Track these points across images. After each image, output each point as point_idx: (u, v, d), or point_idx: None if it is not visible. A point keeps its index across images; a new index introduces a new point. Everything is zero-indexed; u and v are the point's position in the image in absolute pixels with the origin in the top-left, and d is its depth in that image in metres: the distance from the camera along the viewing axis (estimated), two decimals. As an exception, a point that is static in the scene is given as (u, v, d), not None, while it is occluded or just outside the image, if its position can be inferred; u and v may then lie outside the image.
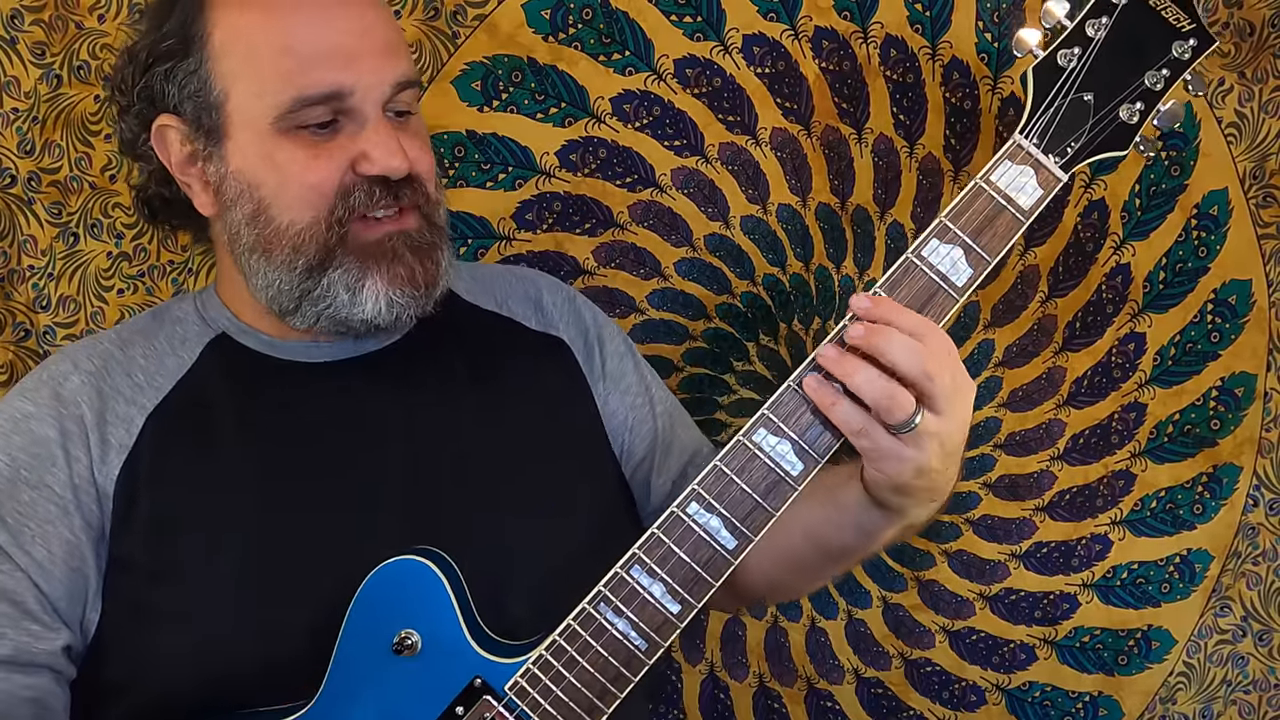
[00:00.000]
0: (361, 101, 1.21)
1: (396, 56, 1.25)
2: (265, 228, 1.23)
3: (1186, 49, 1.19)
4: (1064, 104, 1.17)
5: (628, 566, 1.13)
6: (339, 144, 1.22)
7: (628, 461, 1.44)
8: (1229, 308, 1.80)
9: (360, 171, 1.21)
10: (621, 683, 1.13)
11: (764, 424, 1.13)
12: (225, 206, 1.26)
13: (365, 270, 1.23)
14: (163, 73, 1.24)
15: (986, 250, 1.15)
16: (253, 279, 1.26)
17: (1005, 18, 1.72)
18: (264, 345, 1.31)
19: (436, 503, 1.26)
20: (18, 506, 1.19)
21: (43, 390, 1.25)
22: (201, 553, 1.20)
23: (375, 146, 1.21)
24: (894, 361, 1.07)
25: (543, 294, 1.47)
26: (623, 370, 1.46)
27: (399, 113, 1.26)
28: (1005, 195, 1.16)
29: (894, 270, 1.15)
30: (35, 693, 1.16)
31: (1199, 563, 1.86)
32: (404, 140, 1.24)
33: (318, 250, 1.22)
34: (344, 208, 1.21)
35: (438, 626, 1.14)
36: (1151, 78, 1.18)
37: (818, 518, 1.26)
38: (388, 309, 1.24)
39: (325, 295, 1.24)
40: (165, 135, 1.26)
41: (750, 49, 1.76)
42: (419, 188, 1.26)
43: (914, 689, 1.94)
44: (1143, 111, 1.18)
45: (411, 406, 1.31)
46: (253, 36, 1.21)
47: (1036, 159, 1.17)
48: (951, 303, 1.14)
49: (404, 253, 1.24)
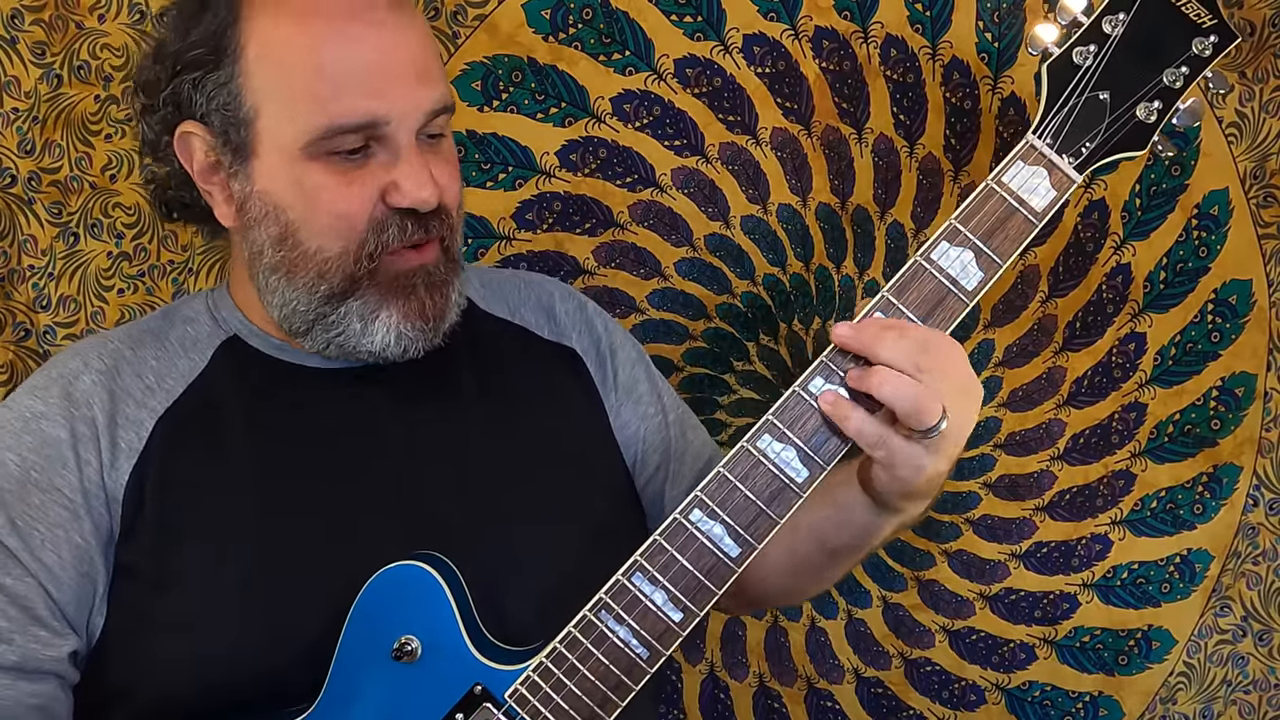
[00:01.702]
0: (396, 130, 1.18)
1: (432, 81, 1.21)
2: (292, 251, 1.21)
3: (1207, 46, 1.16)
4: (1079, 103, 1.15)
5: (629, 574, 1.12)
6: (371, 172, 1.19)
7: (641, 472, 1.44)
8: (1229, 308, 1.80)
9: (390, 203, 1.19)
10: (623, 691, 1.12)
11: (769, 430, 1.12)
12: (248, 224, 1.23)
13: (383, 302, 1.22)
14: (191, 81, 1.21)
15: (998, 253, 1.14)
16: (268, 295, 1.25)
17: (1005, 17, 1.71)
18: (275, 349, 1.30)
19: (443, 511, 1.26)
20: (28, 509, 1.18)
21: (53, 389, 1.24)
22: (205, 561, 1.19)
23: (407, 179, 1.18)
24: (902, 367, 1.07)
25: (555, 302, 1.46)
26: (635, 380, 1.45)
27: (431, 135, 1.23)
28: (1017, 197, 1.14)
29: (903, 273, 1.13)
30: (41, 700, 1.16)
31: (1199, 563, 1.86)
32: (435, 166, 1.21)
33: (343, 280, 1.21)
34: (376, 242, 1.20)
35: (438, 633, 1.14)
36: (1170, 75, 1.16)
37: (818, 518, 1.25)
38: (396, 342, 1.22)
39: (339, 323, 1.22)
40: (189, 142, 1.24)
41: (750, 49, 1.75)
42: (446, 218, 1.24)
43: (914, 689, 1.94)
44: (1161, 110, 1.16)
45: (422, 414, 1.30)
46: (287, 55, 1.18)
47: (1050, 160, 1.15)
48: (962, 306, 1.13)
49: (420, 288, 1.23)
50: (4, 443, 1.21)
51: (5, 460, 1.20)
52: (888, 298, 1.13)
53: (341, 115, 1.16)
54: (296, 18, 1.18)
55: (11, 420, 1.22)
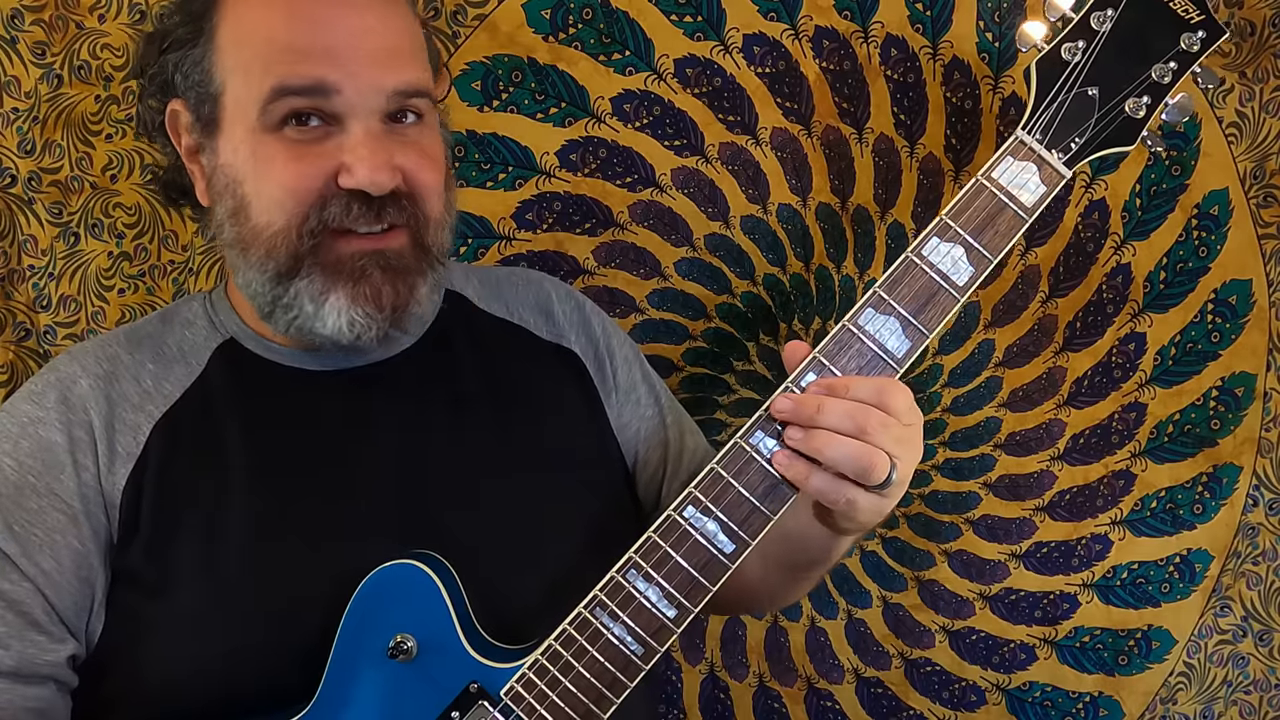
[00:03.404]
0: (349, 106, 1.17)
1: (400, 65, 1.21)
2: (244, 225, 1.21)
3: (1195, 41, 1.17)
4: (1068, 99, 1.16)
5: (624, 571, 1.12)
6: (324, 150, 1.18)
7: (641, 472, 1.44)
8: (1229, 307, 1.79)
9: (340, 183, 1.17)
10: (618, 688, 1.12)
11: (761, 426, 1.12)
12: (214, 200, 1.24)
13: (330, 285, 1.19)
14: (174, 60, 1.23)
15: (988, 249, 1.15)
16: (237, 278, 1.25)
17: (1006, 17, 1.71)
18: (271, 352, 1.30)
19: (442, 516, 1.25)
20: (25, 514, 1.18)
21: (50, 394, 1.24)
22: (202, 564, 1.18)
23: (359, 160, 1.17)
24: (846, 430, 1.08)
25: (553, 303, 1.45)
26: (633, 381, 1.45)
27: (401, 120, 1.22)
28: (1007, 193, 1.15)
29: (894, 270, 1.15)
30: (39, 704, 1.16)
31: (1199, 563, 1.85)
32: (401, 153, 1.20)
33: (287, 257, 1.19)
34: (318, 218, 1.18)
35: (433, 631, 1.14)
36: (1159, 71, 1.17)
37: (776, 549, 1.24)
38: (349, 327, 1.20)
39: (293, 305, 1.21)
40: (177, 122, 1.25)
41: (750, 49, 1.75)
42: (411, 206, 1.22)
43: (914, 689, 1.94)
44: (1150, 105, 1.17)
45: (419, 418, 1.30)
46: (255, 29, 1.19)
47: (1039, 155, 1.16)
48: (953, 302, 1.14)
49: (373, 272, 1.20)
50: (1, 448, 1.21)
51: (2, 465, 1.20)
52: (880, 294, 1.14)
53: (290, 77, 1.16)
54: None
55: (8, 425, 1.22)
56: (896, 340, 1.14)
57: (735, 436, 1.12)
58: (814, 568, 1.35)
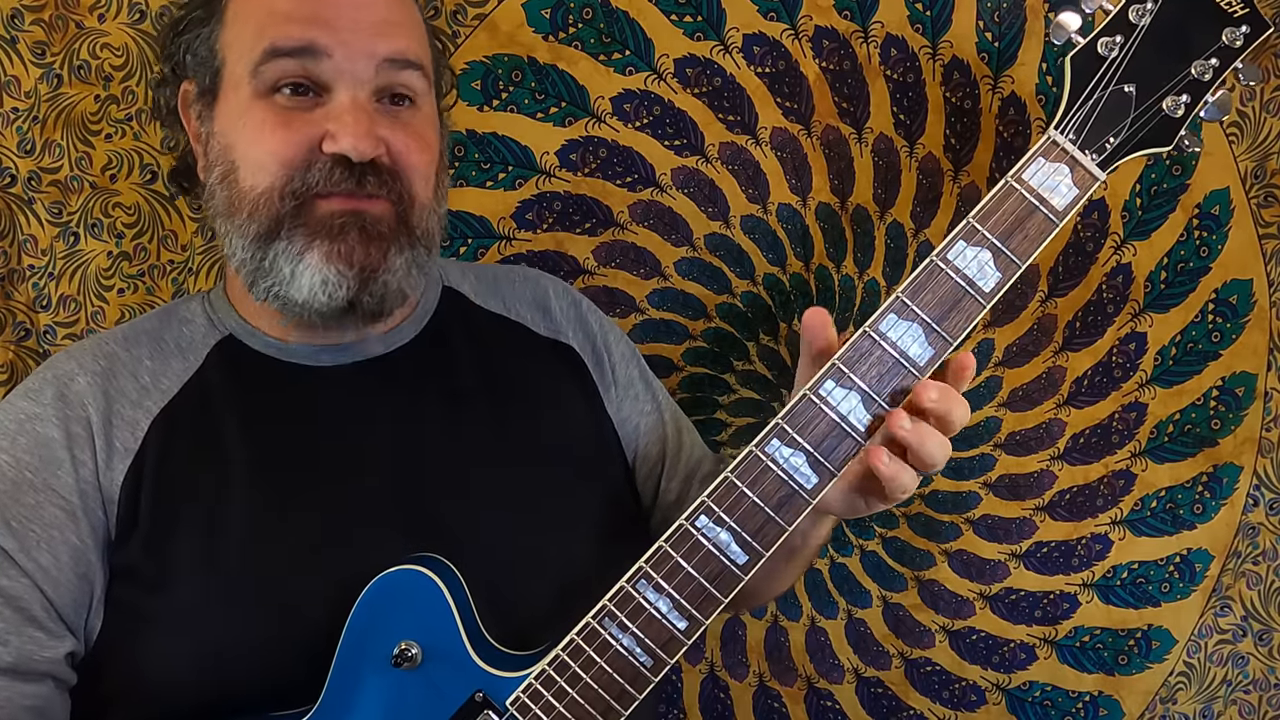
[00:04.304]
0: (339, 72, 1.19)
1: (390, 32, 1.23)
2: (232, 189, 1.22)
3: (1238, 36, 1.12)
4: (1104, 97, 1.12)
5: (634, 581, 1.11)
6: (312, 118, 1.20)
7: (641, 467, 1.44)
8: (1230, 307, 1.79)
9: (324, 148, 1.19)
10: (626, 700, 1.11)
11: (778, 435, 1.10)
12: (208, 169, 1.26)
13: (309, 244, 1.20)
14: (186, 41, 1.26)
15: (1017, 254, 1.10)
16: (227, 252, 1.26)
17: (1006, 17, 1.71)
18: (270, 348, 1.30)
19: (442, 509, 1.25)
20: (22, 510, 1.18)
21: (47, 391, 1.24)
22: (201, 561, 1.18)
23: (342, 126, 1.18)
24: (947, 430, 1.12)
25: (550, 299, 1.46)
26: (630, 377, 1.46)
27: (396, 98, 1.24)
28: (1038, 195, 1.11)
29: (918, 273, 1.11)
30: (37, 701, 1.16)
31: (1199, 562, 1.86)
32: (390, 129, 1.22)
33: (268, 219, 1.20)
34: (301, 180, 1.19)
35: (438, 638, 1.13)
36: (1199, 67, 1.12)
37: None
38: (322, 288, 1.20)
39: (271, 270, 1.21)
40: (186, 103, 1.28)
41: (750, 48, 1.75)
42: (394, 181, 1.22)
43: (914, 689, 1.94)
44: (1189, 104, 1.12)
45: (417, 413, 1.30)
46: (258, 4, 1.22)
47: (1072, 156, 1.11)
48: (978, 308, 1.11)
49: (351, 232, 1.20)
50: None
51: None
52: (902, 299, 1.10)
53: (280, 39, 1.18)
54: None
55: (6, 422, 1.22)
56: (919, 347, 1.10)
57: (750, 446, 1.10)
58: (796, 555, 1.35)
